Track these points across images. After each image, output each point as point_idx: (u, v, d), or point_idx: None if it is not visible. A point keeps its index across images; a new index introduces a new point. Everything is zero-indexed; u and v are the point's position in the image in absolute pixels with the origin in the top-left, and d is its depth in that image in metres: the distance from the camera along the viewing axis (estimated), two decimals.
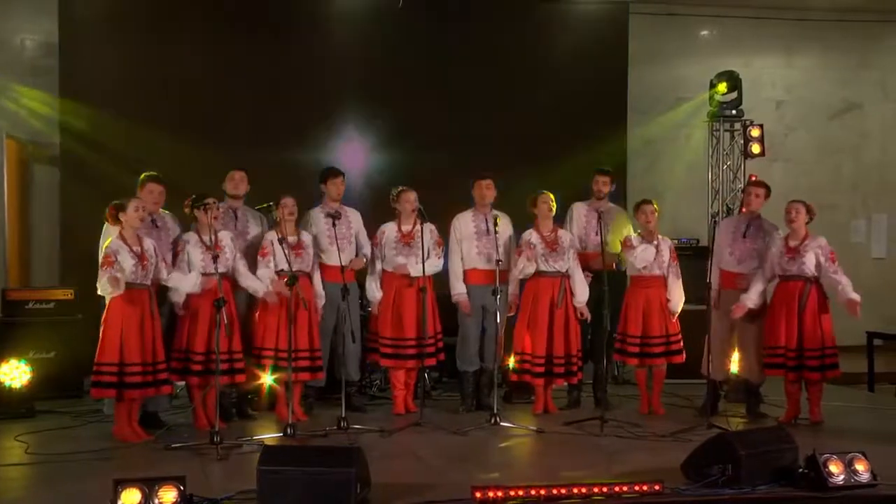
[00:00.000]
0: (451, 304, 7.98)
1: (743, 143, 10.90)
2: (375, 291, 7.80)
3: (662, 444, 6.67)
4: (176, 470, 5.24)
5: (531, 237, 7.77)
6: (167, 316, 7.04)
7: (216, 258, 6.78)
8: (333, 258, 7.48)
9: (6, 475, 5.87)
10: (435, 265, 7.83)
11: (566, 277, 7.79)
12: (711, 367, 7.49)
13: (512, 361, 7.94)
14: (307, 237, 7.59)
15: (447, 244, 7.97)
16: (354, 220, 8.00)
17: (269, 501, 4.89)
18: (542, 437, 6.98)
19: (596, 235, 8.04)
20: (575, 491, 5.13)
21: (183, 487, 4.80)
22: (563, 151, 10.08)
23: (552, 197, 7.85)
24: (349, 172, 8.32)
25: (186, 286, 6.98)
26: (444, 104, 10.44)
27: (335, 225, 7.48)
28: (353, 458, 5.04)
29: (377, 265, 7.83)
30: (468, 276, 7.94)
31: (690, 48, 12.15)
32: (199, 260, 7.01)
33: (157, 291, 6.88)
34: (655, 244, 7.77)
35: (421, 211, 7.61)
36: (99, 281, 6.53)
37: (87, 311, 8.07)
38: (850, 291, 7.21)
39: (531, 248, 7.70)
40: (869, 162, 12.72)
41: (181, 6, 10.20)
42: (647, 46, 11.51)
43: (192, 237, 7.10)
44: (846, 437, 6.79)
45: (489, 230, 7.85)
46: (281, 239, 7.15)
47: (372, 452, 5.59)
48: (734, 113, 10.92)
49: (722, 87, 10.87)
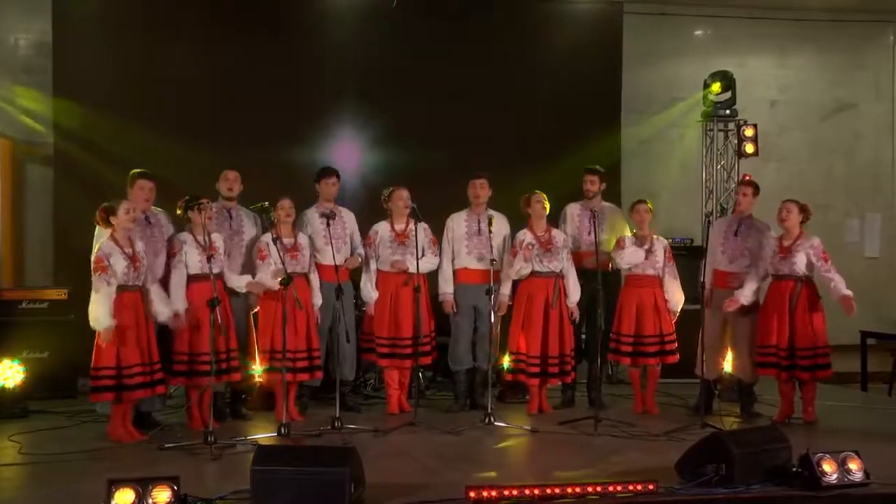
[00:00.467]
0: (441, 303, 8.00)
1: (737, 142, 10.93)
2: (371, 291, 7.79)
3: (656, 443, 6.69)
4: (170, 470, 5.24)
5: (525, 237, 7.78)
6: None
7: (210, 259, 6.79)
8: (328, 258, 7.50)
9: None
10: (431, 263, 7.84)
11: (560, 277, 7.79)
12: (705, 366, 7.49)
13: (506, 361, 7.94)
14: (304, 238, 7.58)
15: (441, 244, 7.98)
16: (349, 220, 8.00)
17: (263, 501, 4.89)
18: (536, 436, 6.99)
19: (589, 235, 8.05)
20: (569, 490, 5.14)
21: (177, 487, 4.79)
22: (557, 151, 10.08)
23: (545, 197, 7.86)
24: (344, 172, 8.32)
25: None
26: (439, 104, 10.41)
27: (329, 225, 7.48)
28: (347, 457, 5.04)
29: (372, 265, 7.83)
30: (460, 275, 7.95)
31: (684, 48, 12.18)
32: (196, 261, 6.98)
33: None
34: (647, 246, 7.77)
35: (414, 210, 7.61)
36: (95, 293, 6.50)
37: (80, 310, 8.04)
38: (842, 288, 7.21)
39: (529, 248, 7.70)
40: (862, 162, 12.75)
41: (175, 5, 10.17)
42: (641, 46, 11.52)
43: (188, 237, 7.07)
44: (840, 436, 6.82)
45: (481, 230, 7.85)
46: (275, 239, 7.14)
47: (366, 452, 5.58)
48: (728, 113, 10.95)
49: (716, 86, 10.90)
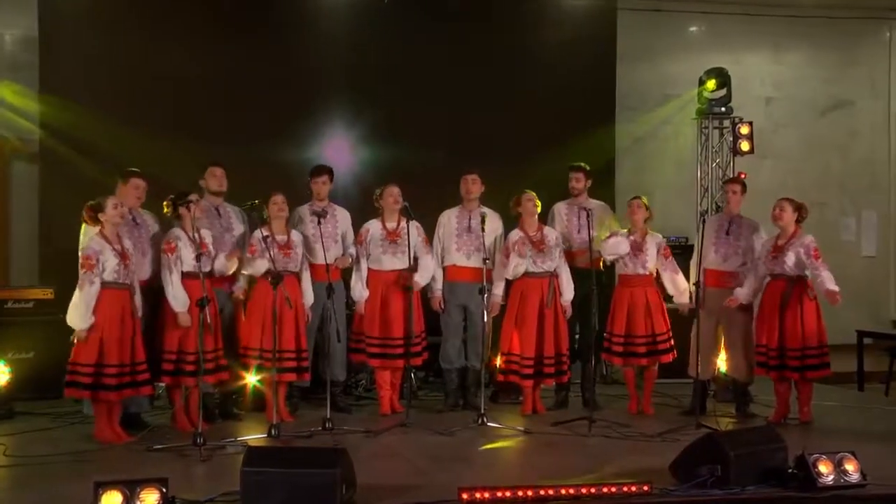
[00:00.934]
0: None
1: (732, 140, 10.93)
2: (361, 291, 7.77)
3: (651, 444, 6.69)
4: (158, 472, 5.21)
5: (517, 237, 7.76)
6: (148, 316, 6.99)
7: (199, 257, 6.76)
8: (318, 256, 7.50)
9: None
10: (430, 267, 7.81)
11: (554, 277, 7.78)
12: (699, 366, 7.49)
13: (499, 362, 7.93)
14: (297, 236, 7.55)
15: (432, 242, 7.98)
16: (342, 218, 7.98)
17: (252, 503, 4.87)
18: (529, 437, 6.98)
19: (579, 233, 8.05)
20: (563, 492, 5.14)
21: (165, 490, 4.78)
22: (551, 148, 10.06)
23: (536, 196, 7.84)
24: (337, 170, 8.26)
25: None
26: (432, 101, 10.41)
27: (320, 223, 7.45)
28: (338, 459, 5.03)
29: (362, 264, 7.81)
30: (449, 272, 7.94)
31: (679, 45, 12.19)
32: (191, 258, 6.90)
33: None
34: (632, 238, 7.74)
35: (406, 208, 7.59)
36: (79, 290, 6.46)
37: (66, 310, 8.02)
38: (828, 283, 7.16)
39: (523, 243, 7.68)
40: (858, 159, 12.78)
41: (165, 1, 10.13)
42: (635, 43, 11.53)
43: (182, 235, 7.00)
44: (836, 436, 6.83)
45: (472, 227, 7.84)
46: (267, 236, 7.12)
47: (357, 453, 5.58)
48: (723, 110, 10.95)
49: (711, 83, 10.90)
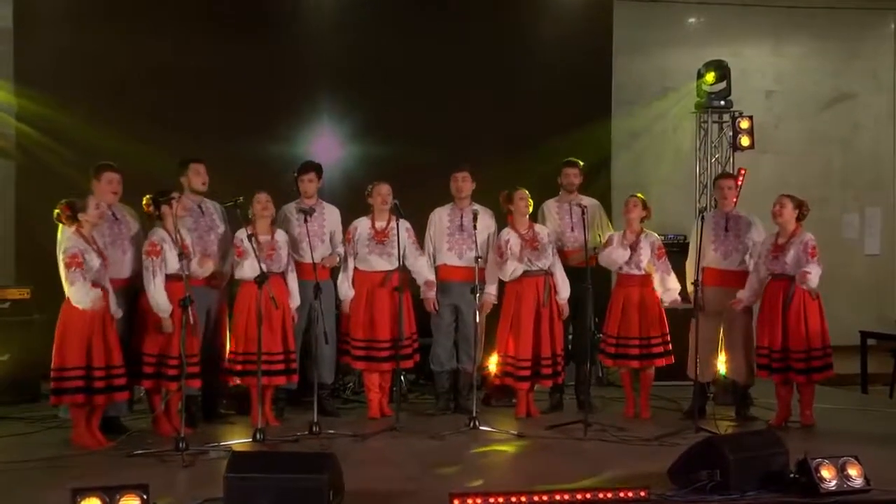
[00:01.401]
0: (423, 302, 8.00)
1: (732, 134, 10.93)
2: (348, 290, 7.77)
3: (648, 448, 6.70)
4: (138, 478, 5.21)
5: (510, 237, 7.76)
6: (126, 318, 6.98)
7: (181, 256, 6.75)
8: (306, 255, 7.49)
9: None
10: (421, 261, 7.82)
11: (549, 275, 7.78)
12: (698, 368, 7.51)
13: (493, 364, 7.93)
14: (282, 236, 7.54)
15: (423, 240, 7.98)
16: (330, 217, 7.97)
17: None
18: (522, 441, 6.99)
19: (573, 231, 8.05)
20: (557, 498, 5.14)
21: (146, 496, 4.77)
22: (545, 144, 10.07)
23: (528, 193, 7.84)
24: (325, 167, 8.24)
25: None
26: (423, 96, 10.42)
27: (307, 221, 7.45)
28: (325, 464, 5.03)
29: (350, 263, 7.81)
30: (441, 272, 7.95)
31: (677, 37, 12.20)
32: (175, 261, 6.85)
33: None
34: (627, 241, 7.74)
35: (396, 206, 7.59)
36: (72, 286, 6.43)
37: (44, 311, 8.02)
38: (811, 271, 7.16)
39: (520, 247, 7.67)
40: (861, 154, 12.81)
41: None
42: (632, 35, 11.53)
43: (166, 237, 6.96)
44: (839, 440, 6.83)
45: (464, 225, 7.85)
46: (251, 236, 7.11)
47: (345, 458, 5.58)
48: (722, 104, 10.95)
49: (710, 76, 10.90)
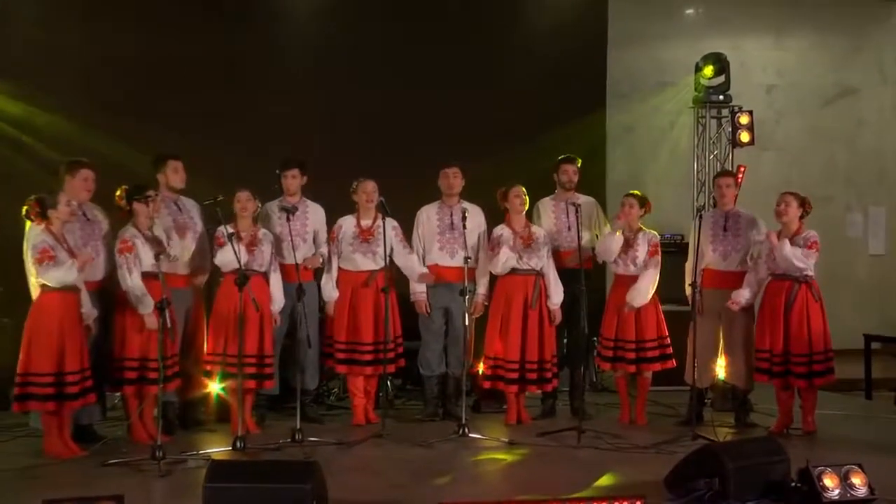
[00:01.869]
0: (413, 304, 8.00)
1: (731, 130, 10.93)
2: (332, 291, 7.77)
3: (644, 456, 6.70)
4: (113, 488, 5.19)
5: (503, 233, 7.77)
6: (101, 320, 6.95)
7: (158, 256, 6.73)
8: (288, 256, 7.47)
9: None
10: (408, 259, 7.82)
11: (540, 276, 7.79)
12: (696, 373, 7.51)
13: (482, 367, 7.93)
14: (264, 235, 7.53)
15: (410, 239, 7.97)
16: (314, 215, 7.96)
17: None
18: (514, 449, 6.98)
19: (569, 231, 8.05)
20: None
21: None
22: (535, 139, 10.09)
23: (524, 191, 7.85)
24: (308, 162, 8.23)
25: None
26: (411, 88, 10.40)
27: (289, 219, 7.43)
28: (308, 473, 5.02)
29: (334, 263, 7.80)
30: (431, 272, 7.93)
31: (674, 29, 12.21)
32: (149, 258, 6.85)
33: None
34: (622, 234, 7.75)
35: (382, 204, 7.59)
36: (46, 274, 6.38)
37: (13, 314, 7.96)
38: (796, 251, 7.21)
39: (515, 240, 7.69)
40: (866, 151, 12.84)
41: None
42: (627, 26, 11.55)
43: (137, 234, 6.96)
44: (842, 448, 6.85)
45: (454, 224, 7.85)
46: (231, 234, 7.10)
47: (329, 467, 5.57)
48: (721, 98, 10.95)
49: (708, 70, 10.90)
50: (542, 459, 6.74)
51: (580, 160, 8.32)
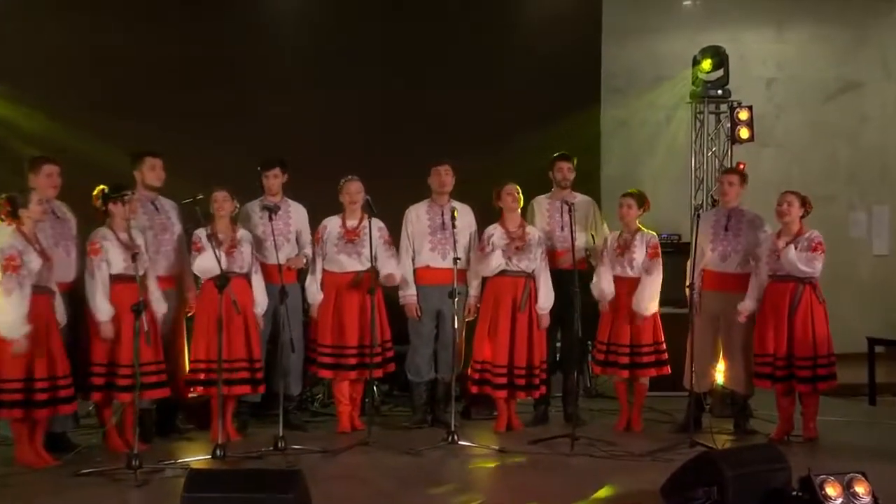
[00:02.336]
0: (402, 307, 7.98)
1: (730, 126, 10.95)
2: (316, 294, 7.75)
3: (640, 464, 6.70)
4: (88, 498, 5.19)
5: (495, 233, 7.75)
6: (72, 323, 6.90)
7: (136, 257, 6.70)
8: (270, 256, 7.46)
9: None
10: (390, 266, 7.79)
11: (531, 278, 7.78)
12: (694, 377, 7.51)
13: (471, 371, 7.92)
14: (244, 235, 7.51)
15: (398, 240, 7.95)
16: (296, 215, 7.94)
17: None
18: (504, 457, 6.98)
19: (563, 231, 8.03)
20: None
21: None
22: (528, 136, 10.09)
23: (518, 189, 7.84)
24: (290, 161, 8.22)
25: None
26: (401, 83, 10.44)
27: (272, 219, 7.40)
28: (292, 482, 5.00)
29: (318, 264, 7.78)
30: (421, 275, 7.94)
31: (671, 21, 12.21)
32: (119, 260, 6.84)
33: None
34: (622, 236, 7.76)
35: (368, 203, 7.57)
36: (7, 296, 6.32)
37: None
38: (798, 255, 7.22)
39: (507, 241, 7.69)
40: (869, 147, 12.83)
41: None
42: (622, 19, 11.55)
43: (109, 235, 6.94)
44: (845, 455, 6.86)
45: (445, 224, 7.83)
46: (210, 236, 7.07)
47: (314, 476, 5.55)
48: (720, 93, 10.96)
49: (706, 64, 10.92)
50: (534, 468, 6.74)
51: (576, 158, 8.32)
